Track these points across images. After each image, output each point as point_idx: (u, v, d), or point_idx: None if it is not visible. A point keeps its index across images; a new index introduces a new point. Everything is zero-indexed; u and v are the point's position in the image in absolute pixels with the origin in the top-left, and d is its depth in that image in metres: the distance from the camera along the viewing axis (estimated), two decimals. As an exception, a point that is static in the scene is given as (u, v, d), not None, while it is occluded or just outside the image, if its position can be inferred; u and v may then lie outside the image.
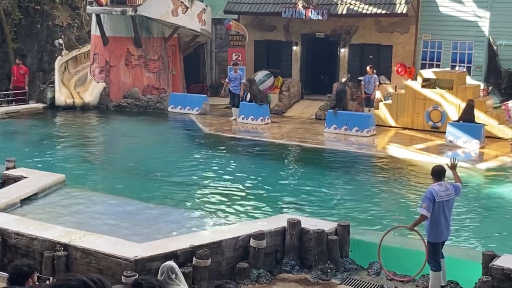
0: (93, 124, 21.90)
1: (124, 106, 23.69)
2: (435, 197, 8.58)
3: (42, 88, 24.08)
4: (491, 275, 8.30)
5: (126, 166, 16.08)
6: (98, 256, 8.69)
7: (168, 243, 9.19)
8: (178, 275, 6.57)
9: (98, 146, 19.01)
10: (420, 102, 20.02)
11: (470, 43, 21.88)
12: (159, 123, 21.86)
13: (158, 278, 3.37)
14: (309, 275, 9.32)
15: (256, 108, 21.09)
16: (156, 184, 14.22)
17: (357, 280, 9.24)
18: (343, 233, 9.74)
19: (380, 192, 14.02)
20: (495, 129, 19.00)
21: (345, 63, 24.08)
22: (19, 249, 9.32)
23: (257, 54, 25.55)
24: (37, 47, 25.93)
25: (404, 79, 22.04)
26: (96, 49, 24.20)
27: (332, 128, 19.72)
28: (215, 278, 8.39)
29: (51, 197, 12.20)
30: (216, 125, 20.90)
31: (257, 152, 17.57)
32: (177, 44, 25.63)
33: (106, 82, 24.03)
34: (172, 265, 6.56)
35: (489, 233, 11.68)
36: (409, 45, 22.85)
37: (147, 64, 24.27)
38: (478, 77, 21.67)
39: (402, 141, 18.67)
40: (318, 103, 23.36)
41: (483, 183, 15.14)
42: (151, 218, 11.39)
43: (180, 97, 23.76)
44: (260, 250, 9.33)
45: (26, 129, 20.89)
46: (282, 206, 12.60)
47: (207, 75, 27.38)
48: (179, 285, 6.47)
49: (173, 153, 17.46)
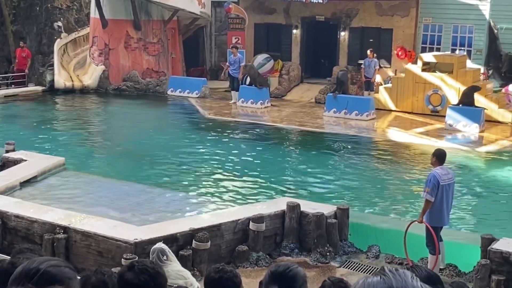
0: (93, 107, 21.87)
1: (123, 89, 23.64)
2: (439, 181, 8.57)
3: (41, 71, 24.02)
4: (490, 258, 8.32)
5: (125, 149, 16.09)
6: (98, 238, 8.71)
7: (168, 226, 9.21)
8: (169, 256, 6.60)
9: (97, 129, 18.98)
10: (420, 86, 19.98)
11: (471, 26, 21.80)
12: (159, 106, 21.83)
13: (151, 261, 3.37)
14: (308, 258, 9.35)
15: (256, 92, 21.05)
16: (155, 167, 14.22)
17: (356, 263, 9.28)
18: (342, 217, 9.76)
19: (379, 176, 14.03)
20: (495, 113, 18.98)
21: (345, 46, 24.00)
22: (19, 231, 9.34)
23: (257, 37, 25.46)
24: (36, 30, 25.80)
25: (404, 63, 21.97)
26: (95, 31, 24.09)
27: (332, 112, 19.69)
28: (214, 261, 8.41)
29: (51, 180, 12.21)
30: (215, 109, 20.87)
31: (256, 136, 17.57)
32: (177, 27, 25.52)
33: (106, 65, 23.96)
34: (162, 247, 6.59)
35: (488, 216, 11.71)
36: (410, 28, 22.77)
37: (147, 47, 24.18)
38: (479, 61, 21.62)
39: (401, 125, 18.65)
40: (318, 87, 23.32)
41: (483, 167, 15.16)
42: (151, 201, 11.41)
43: (179, 80, 23.70)
44: (260, 233, 9.35)
45: (26, 112, 20.87)
46: (281, 190, 12.61)
47: (206, 59, 27.30)
48: (171, 263, 6.51)
49: (172, 136, 17.45)
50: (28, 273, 2.12)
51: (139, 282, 3.15)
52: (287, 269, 2.95)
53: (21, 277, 2.11)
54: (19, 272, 2.14)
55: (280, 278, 2.89)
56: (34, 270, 2.13)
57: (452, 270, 8.97)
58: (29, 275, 2.12)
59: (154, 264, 3.28)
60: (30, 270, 2.13)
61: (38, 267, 2.13)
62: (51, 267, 2.14)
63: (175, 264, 6.58)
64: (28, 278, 2.11)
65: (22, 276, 2.11)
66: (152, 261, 3.35)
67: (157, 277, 3.19)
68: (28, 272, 2.12)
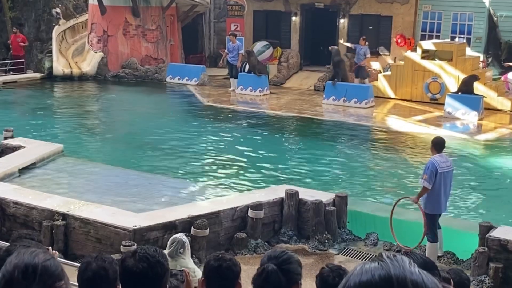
0: (91, 94, 21.82)
1: (122, 76, 23.58)
2: (437, 168, 8.58)
3: (40, 57, 23.95)
4: (488, 246, 8.35)
5: (124, 136, 16.08)
6: (97, 225, 8.72)
7: (167, 213, 9.23)
8: (185, 250, 6.59)
9: (96, 116, 18.97)
10: (419, 74, 19.95)
11: (470, 14, 21.74)
12: (157, 93, 21.79)
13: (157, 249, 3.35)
14: (306, 246, 9.38)
15: (255, 79, 21.00)
16: (154, 155, 14.22)
17: (354, 251, 9.30)
18: (341, 204, 9.78)
19: (378, 164, 14.04)
20: (494, 100, 18.96)
21: (344, 34, 23.92)
22: (17, 218, 9.35)
23: (256, 25, 25.36)
24: (34, 16, 25.69)
25: (403, 50, 21.92)
26: (93, 18, 24.00)
27: (331, 100, 19.66)
28: (213, 248, 8.43)
29: (49, 166, 12.21)
30: (214, 96, 20.84)
31: (255, 123, 17.55)
32: (176, 14, 25.43)
33: (104, 52, 23.88)
34: (183, 240, 6.57)
35: (486, 204, 11.73)
36: (409, 16, 22.69)
37: (145, 34, 24.10)
38: (478, 49, 21.57)
39: (400, 113, 18.64)
40: (317, 74, 23.26)
41: (481, 154, 15.16)
42: (150, 188, 11.41)
43: (178, 67, 23.63)
44: (258, 220, 9.37)
45: (24, 99, 20.83)
46: (280, 177, 12.62)
47: (205, 46, 27.22)
48: (184, 259, 6.50)
49: (171, 123, 17.43)
50: (25, 271, 1.88)
51: (137, 270, 3.14)
52: (282, 251, 3.34)
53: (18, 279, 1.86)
54: (13, 273, 1.88)
55: (277, 258, 3.23)
56: (30, 267, 1.89)
57: (450, 257, 8.99)
58: (27, 273, 1.88)
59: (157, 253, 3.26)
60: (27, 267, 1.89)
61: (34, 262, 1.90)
62: (47, 262, 1.93)
63: (187, 261, 6.56)
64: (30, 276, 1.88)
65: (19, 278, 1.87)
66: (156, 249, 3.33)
67: (155, 266, 3.18)
68: (25, 269, 1.89)
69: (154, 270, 3.16)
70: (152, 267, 3.16)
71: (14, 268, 1.88)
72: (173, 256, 6.35)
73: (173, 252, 6.39)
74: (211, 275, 3.55)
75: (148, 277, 3.15)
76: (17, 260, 1.90)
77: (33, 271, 1.88)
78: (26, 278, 1.87)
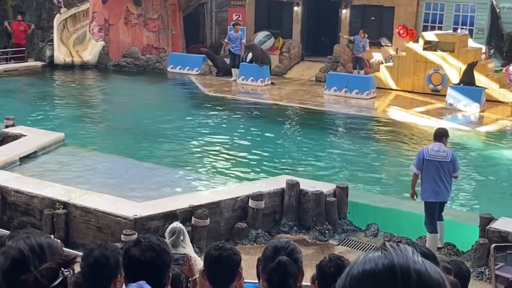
0: (92, 83, 21.80)
1: (123, 66, 23.55)
2: (424, 155, 8.69)
3: (41, 46, 23.91)
4: (488, 237, 8.36)
5: (125, 125, 16.08)
6: (98, 214, 8.73)
7: (168, 202, 9.23)
8: (185, 239, 6.60)
9: (97, 105, 18.94)
10: (421, 65, 19.91)
11: (473, 5, 21.66)
12: (158, 83, 21.76)
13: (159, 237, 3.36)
14: (307, 236, 9.38)
15: (256, 69, 20.96)
16: (155, 144, 14.23)
17: (354, 241, 9.31)
18: (341, 195, 9.78)
19: (379, 155, 14.04)
20: (495, 92, 18.93)
21: (346, 24, 23.85)
22: (18, 206, 9.36)
23: (258, 15, 25.29)
24: (36, 4, 25.62)
25: (405, 41, 21.87)
26: (95, 7, 23.94)
27: (332, 90, 19.64)
28: (213, 238, 8.44)
29: (51, 155, 12.21)
30: (215, 86, 20.81)
31: (256, 114, 17.54)
32: (177, 3, 25.35)
33: (105, 41, 23.84)
34: (182, 228, 6.58)
35: (487, 196, 11.73)
36: (412, 6, 22.61)
37: (147, 23, 24.05)
38: (480, 40, 21.51)
39: (402, 104, 18.62)
40: (319, 65, 23.22)
41: (483, 146, 15.16)
42: (150, 177, 11.42)
43: (179, 57, 23.60)
44: (259, 210, 9.38)
45: (25, 88, 20.81)
46: (281, 167, 12.62)
47: (207, 35, 27.16)
48: (185, 248, 6.50)
49: (172, 113, 17.42)
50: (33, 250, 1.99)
51: (144, 259, 3.15)
52: (286, 242, 3.39)
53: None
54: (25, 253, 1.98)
55: (284, 249, 3.29)
56: (37, 246, 2.01)
57: (451, 249, 9.00)
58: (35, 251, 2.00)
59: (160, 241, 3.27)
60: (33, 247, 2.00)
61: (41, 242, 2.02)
62: (48, 239, 2.07)
63: (188, 249, 6.56)
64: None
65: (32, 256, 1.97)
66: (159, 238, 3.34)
67: (162, 255, 3.20)
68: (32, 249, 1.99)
69: (161, 259, 3.18)
70: (159, 256, 3.17)
71: (22, 249, 2.00)
72: (176, 245, 6.36)
73: (175, 241, 6.40)
74: (211, 264, 3.55)
75: (156, 266, 3.17)
76: (20, 242, 2.03)
77: (41, 248, 2.02)
78: (38, 255, 2.00)
